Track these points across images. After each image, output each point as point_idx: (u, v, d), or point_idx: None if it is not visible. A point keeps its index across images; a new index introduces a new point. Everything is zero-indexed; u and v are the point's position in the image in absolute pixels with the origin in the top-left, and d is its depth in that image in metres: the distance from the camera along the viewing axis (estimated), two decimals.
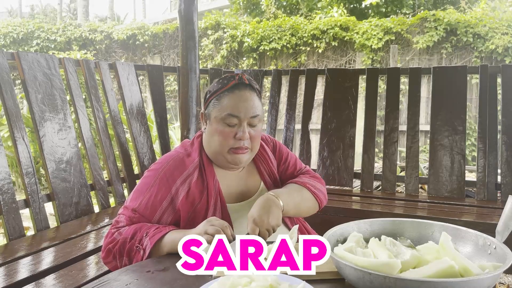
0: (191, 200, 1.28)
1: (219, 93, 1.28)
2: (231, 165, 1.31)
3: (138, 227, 1.24)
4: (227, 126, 1.26)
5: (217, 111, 1.27)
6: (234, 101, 1.26)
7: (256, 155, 1.42)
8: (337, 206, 2.42)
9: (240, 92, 1.27)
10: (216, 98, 1.28)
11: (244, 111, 1.25)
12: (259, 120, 1.29)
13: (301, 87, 3.27)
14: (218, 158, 1.31)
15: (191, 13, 2.86)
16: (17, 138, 2.09)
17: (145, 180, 1.31)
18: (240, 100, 1.26)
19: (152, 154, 2.92)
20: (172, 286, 0.97)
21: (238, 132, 1.25)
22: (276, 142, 1.51)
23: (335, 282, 0.97)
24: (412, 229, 1.09)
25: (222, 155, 1.29)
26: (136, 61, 8.30)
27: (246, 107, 1.26)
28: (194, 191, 1.28)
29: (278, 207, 1.24)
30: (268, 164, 1.43)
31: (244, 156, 1.28)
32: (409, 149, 2.81)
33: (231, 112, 1.25)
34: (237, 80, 1.28)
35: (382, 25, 6.82)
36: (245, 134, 1.25)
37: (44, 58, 2.36)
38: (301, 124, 3.12)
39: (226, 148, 1.27)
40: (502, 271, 0.83)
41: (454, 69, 2.87)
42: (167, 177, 1.28)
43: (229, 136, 1.26)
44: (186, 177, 1.28)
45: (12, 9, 21.94)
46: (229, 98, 1.26)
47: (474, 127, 6.02)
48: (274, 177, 1.43)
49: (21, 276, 1.49)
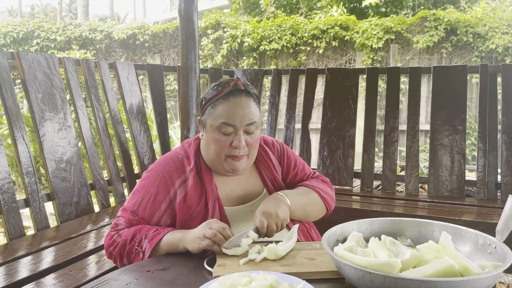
0: (188, 204, 1.27)
1: (214, 100, 1.25)
2: (228, 173, 1.29)
3: (137, 229, 1.24)
4: (222, 135, 1.23)
5: (212, 119, 1.24)
6: (229, 109, 1.22)
7: (258, 161, 1.40)
8: (337, 205, 2.39)
9: (236, 99, 1.23)
10: (211, 106, 1.25)
11: (240, 119, 1.22)
12: (256, 127, 1.26)
13: (301, 86, 3.27)
14: (215, 166, 1.30)
15: (191, 13, 2.86)
16: (17, 137, 2.09)
17: (144, 182, 1.30)
18: (235, 107, 1.23)
19: (152, 154, 2.92)
20: (172, 286, 0.97)
21: (234, 140, 1.23)
22: (285, 148, 1.47)
23: (335, 282, 0.97)
24: (412, 228, 1.09)
25: (219, 163, 1.27)
26: (136, 60, 8.30)
27: (241, 115, 1.22)
28: (192, 194, 1.27)
29: (286, 205, 1.25)
30: (271, 171, 1.40)
31: (241, 164, 1.26)
32: (409, 149, 2.81)
33: (226, 121, 1.22)
34: (232, 86, 1.25)
35: (382, 24, 6.82)
36: (241, 142, 1.23)
37: (44, 58, 2.36)
38: (301, 123, 3.12)
39: (222, 156, 1.25)
40: (502, 271, 0.83)
41: (454, 69, 2.87)
42: (166, 179, 1.28)
43: (225, 145, 1.23)
44: (184, 180, 1.28)
45: (12, 8, 21.92)
46: (224, 106, 1.23)
47: (474, 127, 6.02)
48: (278, 184, 1.41)
49: (21, 275, 1.49)
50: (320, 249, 1.13)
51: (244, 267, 1.02)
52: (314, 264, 1.03)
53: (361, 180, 2.90)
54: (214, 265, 1.05)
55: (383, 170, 2.85)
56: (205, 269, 1.05)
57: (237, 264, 1.04)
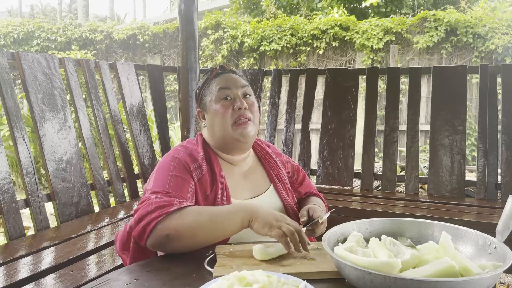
0: (204, 189, 1.26)
1: (207, 82, 1.36)
2: (239, 142, 1.29)
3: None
4: (224, 101, 1.30)
5: (210, 95, 1.33)
6: (222, 79, 1.33)
7: (260, 156, 1.44)
8: (337, 206, 2.42)
9: (225, 74, 1.36)
10: (206, 87, 1.36)
11: (234, 83, 1.32)
12: (251, 92, 1.35)
13: (301, 87, 3.27)
14: (224, 138, 1.30)
15: (191, 13, 2.86)
16: (17, 138, 2.09)
17: (162, 170, 1.23)
18: (228, 77, 1.34)
19: (152, 154, 2.93)
20: (172, 286, 0.97)
21: (235, 104, 1.29)
22: (295, 164, 1.56)
23: (335, 282, 0.97)
24: (412, 228, 1.09)
25: (227, 133, 1.29)
26: (136, 61, 8.30)
27: (234, 79, 1.33)
28: (207, 180, 1.26)
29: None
30: (275, 166, 1.44)
31: (249, 128, 1.30)
32: (409, 149, 2.81)
33: (223, 86, 1.31)
34: (219, 68, 1.38)
35: (382, 25, 6.82)
36: (243, 103, 1.29)
37: (44, 58, 2.36)
38: (301, 124, 3.12)
39: (229, 122, 1.28)
40: (502, 271, 0.83)
41: (454, 69, 2.87)
42: (183, 163, 1.24)
43: (228, 109, 1.29)
44: (198, 166, 1.26)
45: (12, 8, 21.94)
46: (217, 80, 1.34)
47: (474, 127, 6.02)
48: (283, 182, 1.43)
49: (21, 275, 1.49)
50: (320, 249, 1.13)
51: (244, 267, 1.02)
52: (314, 264, 1.03)
53: (361, 181, 2.90)
54: (214, 265, 1.05)
55: (383, 171, 2.85)
56: (205, 269, 1.05)
57: (237, 264, 1.04)
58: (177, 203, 1.11)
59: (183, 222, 1.08)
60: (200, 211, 1.11)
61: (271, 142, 3.08)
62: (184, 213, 1.09)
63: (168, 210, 1.08)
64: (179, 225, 1.07)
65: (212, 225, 1.09)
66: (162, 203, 1.10)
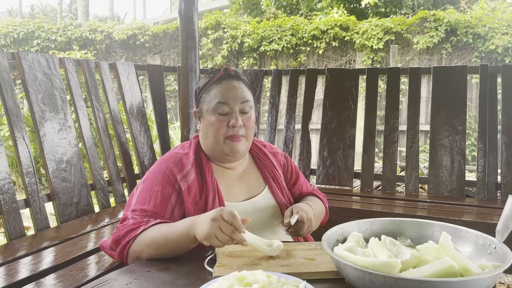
0: (192, 197, 1.27)
1: (208, 86, 1.31)
2: (229, 156, 1.30)
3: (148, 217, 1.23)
4: (219, 116, 1.27)
5: (207, 103, 1.29)
6: (222, 90, 1.28)
7: (256, 157, 1.43)
8: (337, 206, 2.42)
9: (228, 81, 1.30)
10: (205, 92, 1.31)
11: (234, 98, 1.27)
12: (250, 107, 1.31)
13: (301, 87, 3.27)
14: (215, 150, 1.31)
15: (191, 13, 2.86)
16: (17, 138, 2.09)
17: (147, 182, 1.29)
18: (228, 88, 1.28)
19: (152, 154, 2.93)
20: (172, 286, 0.97)
21: (230, 120, 1.26)
22: (292, 162, 1.54)
23: (335, 282, 0.97)
24: (412, 228, 1.09)
25: (219, 146, 1.29)
26: (136, 61, 8.31)
27: (235, 94, 1.28)
28: (195, 187, 1.27)
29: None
30: (271, 167, 1.43)
31: (240, 145, 1.28)
32: (409, 149, 2.81)
33: (221, 100, 1.27)
34: (223, 72, 1.32)
35: (382, 25, 6.82)
36: (238, 121, 1.26)
37: (44, 58, 2.36)
38: (301, 124, 3.12)
39: (221, 137, 1.27)
40: (502, 271, 0.83)
41: (454, 69, 2.87)
42: (168, 175, 1.27)
43: (222, 125, 1.27)
44: (185, 174, 1.27)
45: (12, 9, 21.94)
46: (217, 88, 1.29)
47: (474, 127, 6.02)
48: (279, 182, 1.43)
49: (21, 275, 1.48)
50: (320, 249, 1.13)
51: (244, 267, 1.02)
52: (314, 264, 1.04)
53: (361, 181, 2.90)
54: (214, 265, 1.05)
55: (383, 171, 2.85)
56: (205, 269, 1.05)
57: (237, 264, 1.04)
58: (143, 225, 1.18)
59: (145, 243, 1.15)
60: (158, 231, 1.16)
61: (271, 142, 3.08)
62: (147, 233, 1.16)
63: (135, 234, 1.17)
64: (143, 246, 1.16)
65: (166, 243, 1.14)
66: (131, 226, 1.19)
